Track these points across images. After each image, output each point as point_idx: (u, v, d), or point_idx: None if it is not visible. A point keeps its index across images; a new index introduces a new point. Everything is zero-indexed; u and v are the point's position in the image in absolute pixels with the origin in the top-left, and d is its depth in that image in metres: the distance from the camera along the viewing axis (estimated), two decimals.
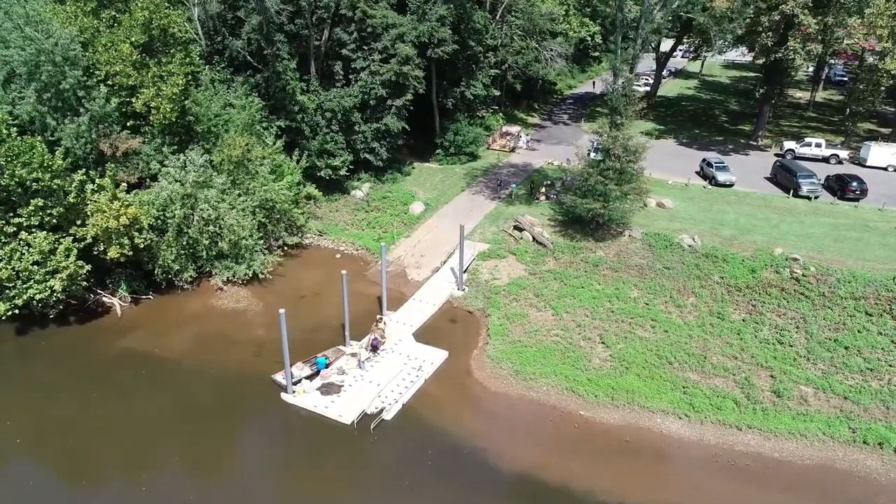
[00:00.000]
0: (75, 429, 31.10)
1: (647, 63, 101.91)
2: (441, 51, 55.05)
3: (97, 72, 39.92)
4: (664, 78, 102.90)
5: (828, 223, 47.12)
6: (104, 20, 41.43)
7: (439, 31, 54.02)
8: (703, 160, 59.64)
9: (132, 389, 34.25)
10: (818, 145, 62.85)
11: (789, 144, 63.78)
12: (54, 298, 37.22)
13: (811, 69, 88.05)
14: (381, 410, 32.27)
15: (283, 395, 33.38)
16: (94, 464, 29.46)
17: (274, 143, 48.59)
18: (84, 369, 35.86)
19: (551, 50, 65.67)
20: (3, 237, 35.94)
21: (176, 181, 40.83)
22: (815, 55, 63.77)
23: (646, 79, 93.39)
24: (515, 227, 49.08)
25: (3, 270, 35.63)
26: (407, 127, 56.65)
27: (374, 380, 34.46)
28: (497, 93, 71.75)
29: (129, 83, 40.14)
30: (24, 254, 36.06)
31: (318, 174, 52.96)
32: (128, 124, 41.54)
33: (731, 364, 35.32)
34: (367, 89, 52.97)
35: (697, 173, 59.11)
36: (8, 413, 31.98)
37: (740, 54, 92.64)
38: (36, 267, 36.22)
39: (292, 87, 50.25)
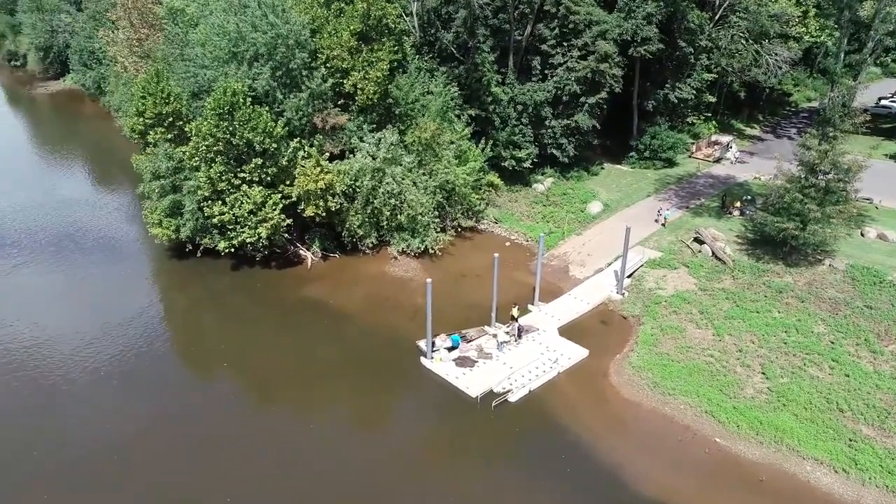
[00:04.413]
0: (265, 358, 36.48)
1: None
2: (644, 50, 53.19)
3: (320, 55, 46.03)
4: None
5: None
6: (333, 11, 47.47)
7: (644, 29, 52.25)
8: None
9: (309, 332, 39.23)
10: None
11: None
12: (261, 244, 44.04)
13: None
14: (507, 392, 33.09)
15: (423, 360, 35.87)
16: (277, 392, 34.21)
17: (462, 130, 51.40)
18: (276, 308, 42.11)
19: (775, 54, 59.12)
20: (230, 188, 43.43)
21: (369, 156, 45.57)
22: None
23: None
24: (695, 240, 46.04)
25: (227, 215, 43.21)
26: (598, 125, 55.84)
27: (507, 362, 35.36)
28: (712, 99, 66.85)
29: (343, 66, 45.65)
30: (243, 203, 43.23)
31: (503, 164, 54.74)
32: (339, 102, 47.22)
33: None
34: (560, 85, 53.30)
35: None
36: (222, 338, 38.77)
37: None
38: (250, 215, 43.23)
39: (488, 79, 52.60)
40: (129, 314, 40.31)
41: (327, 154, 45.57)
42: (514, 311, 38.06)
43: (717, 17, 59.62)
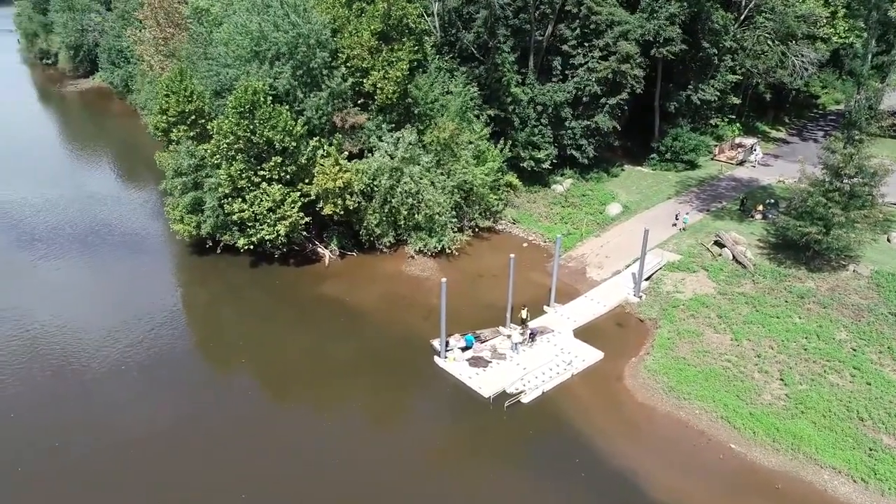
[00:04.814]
0: (282, 354, 36.94)
1: None
2: (667, 50, 52.64)
3: (340, 54, 46.34)
4: None
5: None
6: (354, 11, 47.76)
7: (667, 29, 51.71)
8: None
9: (326, 329, 39.50)
10: None
11: None
12: (280, 241, 44.42)
13: None
14: (520, 392, 33.00)
15: (436, 359, 35.93)
16: (293, 388, 34.69)
17: (481, 130, 51.32)
18: (294, 305, 42.47)
19: (802, 56, 57.99)
20: (250, 186, 43.92)
21: (388, 155, 45.77)
22: None
23: None
24: (715, 243, 45.47)
25: (246, 212, 43.71)
26: (618, 126, 55.42)
27: (521, 363, 35.27)
28: (737, 100, 65.89)
29: (364, 66, 45.92)
30: (262, 200, 43.68)
31: (522, 164, 54.57)
32: (358, 102, 47.49)
33: None
34: (581, 86, 52.98)
35: None
36: (240, 334, 39.15)
37: None
38: (269, 213, 43.67)
39: (508, 79, 52.52)
40: (150, 308, 41.01)
41: (346, 153, 45.89)
42: (523, 313, 37.99)
43: (742, 18, 58.78)
